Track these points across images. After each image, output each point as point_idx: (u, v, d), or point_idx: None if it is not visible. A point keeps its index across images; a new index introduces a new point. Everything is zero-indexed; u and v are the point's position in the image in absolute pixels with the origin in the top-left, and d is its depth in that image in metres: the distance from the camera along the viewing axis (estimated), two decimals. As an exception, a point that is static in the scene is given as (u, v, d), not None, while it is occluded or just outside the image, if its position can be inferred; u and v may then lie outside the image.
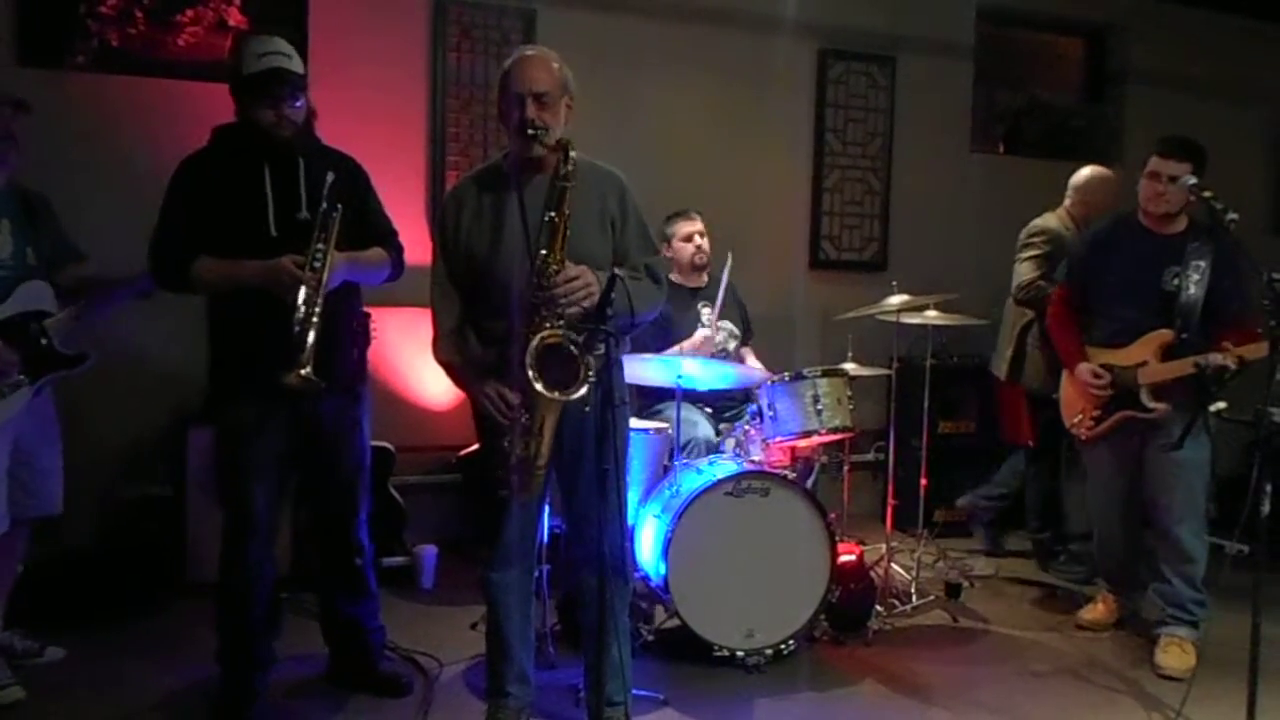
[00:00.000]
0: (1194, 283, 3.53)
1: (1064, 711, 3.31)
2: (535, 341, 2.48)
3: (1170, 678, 3.51)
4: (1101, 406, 3.69)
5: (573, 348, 2.50)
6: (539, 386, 2.47)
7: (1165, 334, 3.55)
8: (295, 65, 2.88)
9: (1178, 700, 3.18)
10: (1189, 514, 3.63)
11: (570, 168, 2.55)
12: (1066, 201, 4.61)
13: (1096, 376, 3.65)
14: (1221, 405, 3.47)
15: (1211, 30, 6.18)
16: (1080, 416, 3.76)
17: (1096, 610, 4.04)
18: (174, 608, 3.87)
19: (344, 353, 3.06)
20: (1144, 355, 3.58)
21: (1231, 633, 3.52)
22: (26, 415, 3.13)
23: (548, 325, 2.52)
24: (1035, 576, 4.69)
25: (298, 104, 2.90)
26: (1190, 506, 3.63)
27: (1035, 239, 4.51)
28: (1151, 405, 3.56)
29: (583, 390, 2.49)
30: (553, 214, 2.55)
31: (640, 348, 3.78)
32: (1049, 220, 4.56)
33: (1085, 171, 4.62)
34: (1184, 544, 3.63)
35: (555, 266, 2.54)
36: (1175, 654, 3.59)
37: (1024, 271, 4.48)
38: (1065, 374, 3.88)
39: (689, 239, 4.27)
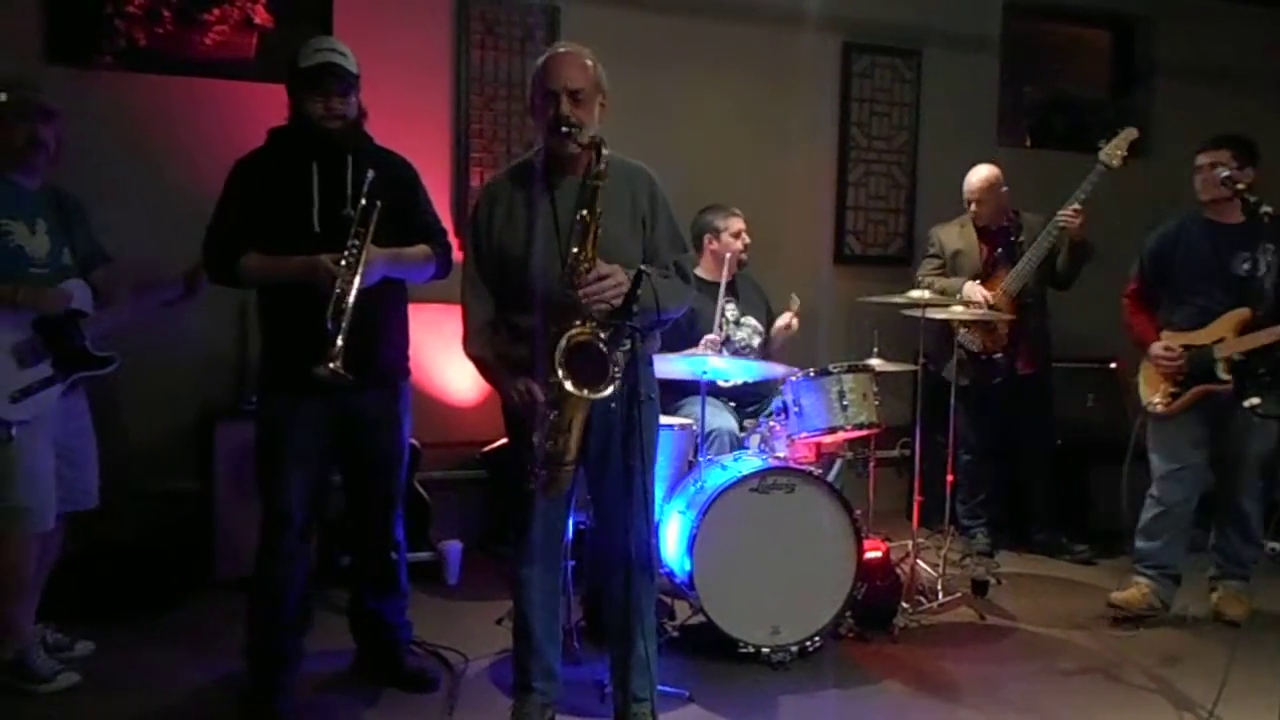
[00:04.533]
0: (1265, 265, 3.82)
1: (1092, 710, 3.28)
2: (565, 340, 2.50)
3: (1234, 623, 3.86)
4: (1179, 384, 3.92)
5: (602, 345, 2.51)
6: (569, 385, 2.48)
7: (1244, 313, 3.82)
8: (349, 64, 2.97)
9: (1209, 699, 3.14)
10: (1252, 490, 3.98)
11: (602, 166, 2.56)
12: None
13: (1167, 350, 3.90)
14: (1255, 401, 3.48)
15: (1239, 22, 6.10)
16: (1158, 395, 3.98)
17: (1130, 593, 4.06)
18: (202, 602, 3.90)
19: (385, 348, 3.10)
20: (1222, 333, 3.84)
21: (1265, 631, 3.50)
22: (63, 412, 3.17)
23: (577, 323, 2.53)
24: (1065, 574, 4.65)
25: (349, 99, 2.98)
26: (1253, 484, 3.97)
27: None
28: (1226, 377, 3.82)
29: (610, 389, 2.51)
30: (584, 213, 2.56)
31: (664, 344, 3.78)
32: None
33: None
34: (1248, 513, 3.98)
35: (586, 265, 2.55)
36: (1234, 603, 3.96)
37: None
38: (1145, 358, 4.10)
39: (738, 235, 4.29)
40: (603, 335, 2.52)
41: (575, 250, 2.56)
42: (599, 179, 2.56)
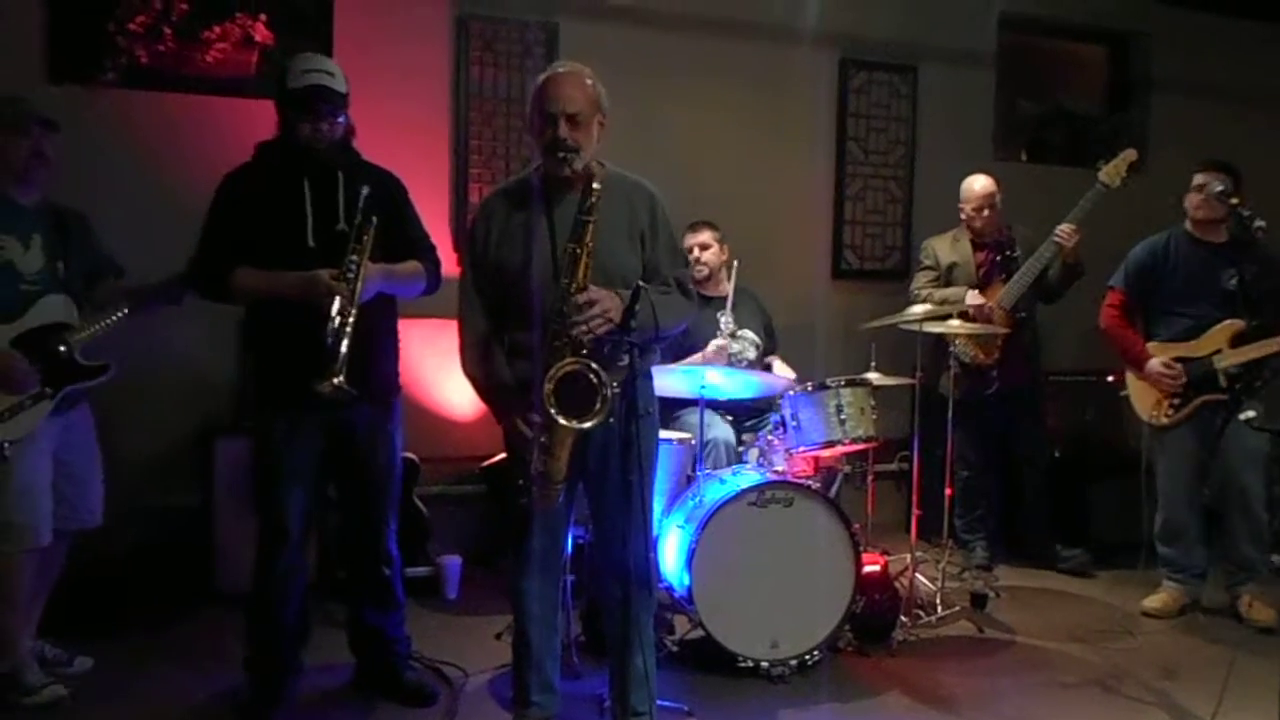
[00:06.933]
0: (1250, 280, 4.00)
1: (1092, 723, 3.28)
2: (554, 371, 2.51)
3: (1269, 629, 3.96)
4: (1178, 395, 4.09)
5: (592, 376, 2.52)
6: (559, 417, 2.51)
7: (1237, 324, 4.01)
8: (338, 84, 2.97)
9: (1208, 712, 3.15)
10: (1261, 491, 4.11)
11: (594, 200, 2.55)
12: None
13: (1168, 368, 4.07)
14: (1251, 414, 3.50)
15: (1234, 37, 6.14)
16: (1157, 409, 4.15)
17: (1160, 599, 4.22)
18: (201, 616, 3.90)
19: (379, 364, 3.11)
20: (1217, 345, 4.03)
21: (1264, 643, 3.50)
22: (63, 429, 3.17)
23: (568, 351, 2.54)
24: (1064, 587, 4.65)
25: (338, 120, 2.99)
26: (1260, 485, 4.11)
27: None
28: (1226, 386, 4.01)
29: (594, 421, 2.52)
30: (574, 246, 2.57)
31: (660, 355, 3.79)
32: None
33: None
34: (1260, 516, 4.10)
35: (575, 296, 2.56)
36: (1261, 608, 4.04)
37: None
38: (1131, 371, 4.25)
39: (689, 250, 4.31)
40: (593, 366, 2.53)
41: (566, 281, 2.57)
42: (589, 215, 2.56)
